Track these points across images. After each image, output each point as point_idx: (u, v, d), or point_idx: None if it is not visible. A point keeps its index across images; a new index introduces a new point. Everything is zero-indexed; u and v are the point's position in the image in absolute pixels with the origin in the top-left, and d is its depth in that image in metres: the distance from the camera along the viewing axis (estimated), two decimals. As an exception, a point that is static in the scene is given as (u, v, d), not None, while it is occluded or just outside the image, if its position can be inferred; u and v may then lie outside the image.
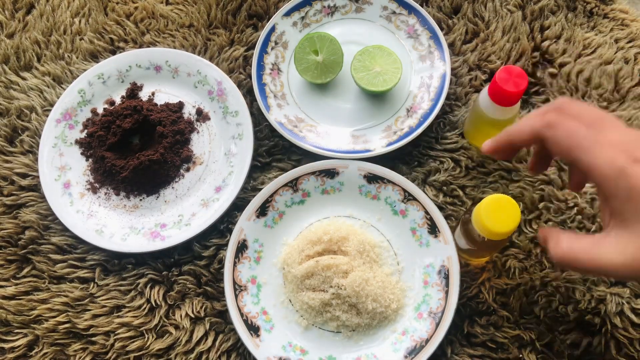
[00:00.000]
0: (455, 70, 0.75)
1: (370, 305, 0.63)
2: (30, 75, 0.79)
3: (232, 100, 0.74)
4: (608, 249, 0.42)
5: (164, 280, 0.68)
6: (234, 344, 0.65)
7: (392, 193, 0.68)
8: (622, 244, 0.41)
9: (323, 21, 0.78)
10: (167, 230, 0.70)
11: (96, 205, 0.72)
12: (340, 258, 0.64)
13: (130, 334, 0.66)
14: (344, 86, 0.75)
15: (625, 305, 0.62)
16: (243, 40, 0.79)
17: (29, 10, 0.84)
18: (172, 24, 0.81)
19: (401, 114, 0.73)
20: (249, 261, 0.68)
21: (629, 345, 0.61)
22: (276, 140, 0.74)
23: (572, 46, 0.75)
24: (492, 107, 0.61)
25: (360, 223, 0.69)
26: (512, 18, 0.76)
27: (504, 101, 0.59)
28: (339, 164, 0.69)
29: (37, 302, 0.68)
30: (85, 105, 0.77)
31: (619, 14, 0.76)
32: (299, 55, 0.73)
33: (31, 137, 0.76)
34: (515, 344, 0.63)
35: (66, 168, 0.74)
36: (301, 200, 0.70)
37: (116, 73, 0.77)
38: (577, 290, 0.63)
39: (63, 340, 0.67)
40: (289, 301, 0.67)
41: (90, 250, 0.70)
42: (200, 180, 0.73)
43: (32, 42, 0.81)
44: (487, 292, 0.65)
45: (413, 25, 0.76)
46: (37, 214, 0.72)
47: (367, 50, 0.72)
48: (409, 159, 0.72)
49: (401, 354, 0.62)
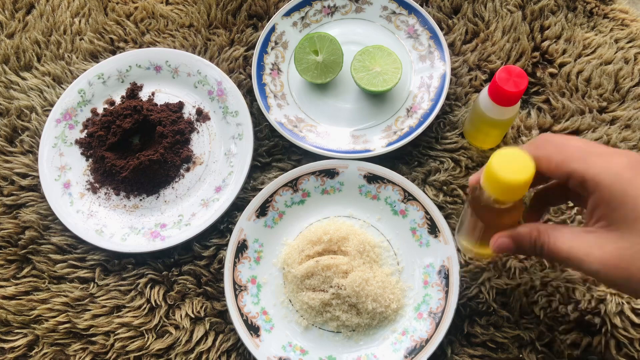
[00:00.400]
0: (455, 70, 0.75)
1: (370, 305, 0.63)
2: (30, 75, 0.79)
3: (232, 100, 0.74)
4: (588, 242, 0.43)
5: (164, 280, 0.68)
6: (234, 344, 0.65)
7: (392, 193, 0.68)
8: (603, 240, 0.42)
9: (323, 21, 0.78)
10: (167, 230, 0.70)
11: (96, 205, 0.72)
12: (340, 258, 0.64)
13: (130, 334, 0.66)
14: (344, 86, 0.75)
15: (625, 305, 0.62)
16: (243, 40, 0.79)
17: (29, 10, 0.84)
18: (172, 24, 0.81)
19: (401, 114, 0.73)
20: (249, 261, 0.68)
21: (629, 345, 0.61)
22: (276, 140, 0.74)
23: (572, 46, 0.75)
24: (492, 107, 0.61)
25: (360, 223, 0.69)
26: (512, 18, 0.76)
27: (503, 101, 0.59)
28: (339, 164, 0.69)
29: (37, 302, 0.68)
30: (85, 105, 0.77)
31: (619, 14, 0.76)
32: (299, 55, 0.73)
33: (31, 137, 0.76)
34: (515, 344, 0.63)
35: (66, 168, 0.74)
36: (301, 200, 0.70)
37: (116, 73, 0.77)
38: (577, 290, 0.63)
39: (63, 340, 0.67)
40: (289, 301, 0.67)
41: (90, 250, 0.70)
42: (200, 180, 0.73)
43: (32, 42, 0.81)
44: (487, 292, 0.65)
45: (413, 25, 0.76)
46: (37, 214, 0.72)
47: (367, 50, 0.72)
48: (409, 159, 0.72)
49: (401, 354, 0.62)
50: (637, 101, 0.71)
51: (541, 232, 0.46)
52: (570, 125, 0.70)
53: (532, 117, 0.71)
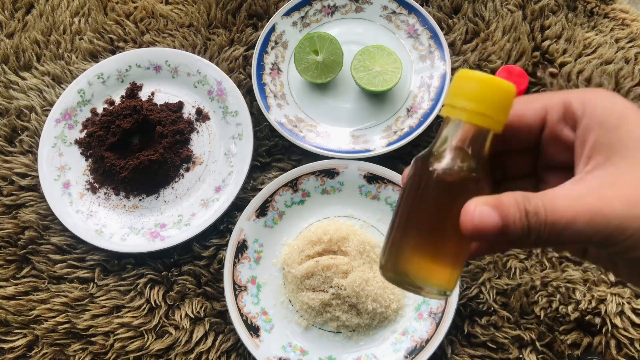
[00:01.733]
0: (456, 70, 0.75)
1: (371, 306, 0.63)
2: (30, 75, 0.79)
3: (232, 100, 0.74)
4: (596, 191, 0.28)
5: (164, 281, 0.68)
6: (234, 344, 0.65)
7: (393, 193, 0.68)
8: (615, 179, 0.28)
9: (323, 21, 0.78)
10: (167, 230, 0.69)
11: (96, 205, 0.72)
12: (340, 258, 0.64)
13: (130, 334, 0.66)
14: (344, 86, 0.75)
15: (626, 305, 0.62)
16: (243, 40, 0.79)
17: (28, 10, 0.84)
18: (172, 23, 0.81)
19: (401, 113, 0.73)
20: (248, 261, 0.67)
21: (629, 345, 0.61)
22: (276, 140, 0.74)
23: (572, 46, 0.74)
24: None
25: (360, 223, 0.69)
26: (512, 18, 0.76)
27: None
28: (339, 164, 0.69)
29: (36, 302, 0.68)
30: (85, 105, 0.76)
31: (619, 14, 0.76)
32: (299, 55, 0.73)
33: (31, 137, 0.76)
34: (515, 344, 0.63)
35: (66, 168, 0.74)
36: (301, 200, 0.70)
37: (116, 73, 0.77)
38: (578, 291, 0.63)
39: (63, 341, 0.67)
40: (288, 301, 0.67)
41: (89, 250, 0.70)
42: (200, 180, 0.73)
43: (32, 42, 0.81)
44: (488, 292, 0.64)
45: (413, 25, 0.76)
46: (36, 214, 0.72)
47: (367, 50, 0.71)
48: (409, 159, 0.72)
49: (401, 354, 0.62)
50: (638, 101, 0.71)
51: (528, 198, 0.28)
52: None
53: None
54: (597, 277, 0.64)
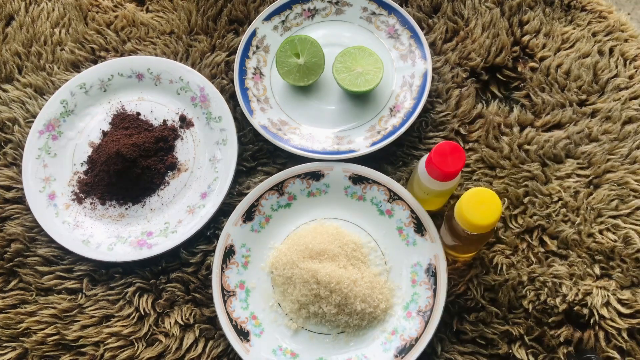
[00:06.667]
0: (438, 69, 0.75)
1: (359, 306, 0.63)
2: (12, 87, 0.79)
3: (215, 105, 0.74)
4: None
5: (152, 289, 0.68)
6: (224, 349, 0.65)
7: (378, 193, 0.68)
8: None
9: (304, 24, 0.78)
10: (154, 238, 0.69)
11: (82, 215, 0.72)
12: (339, 272, 0.64)
13: (120, 343, 0.66)
14: (327, 88, 0.75)
15: (611, 297, 0.63)
16: (224, 45, 0.79)
17: (8, 22, 0.83)
18: (153, 31, 0.80)
19: (384, 113, 0.73)
20: (236, 266, 0.68)
21: (617, 335, 0.62)
22: (261, 144, 0.74)
23: (551, 40, 0.75)
24: (431, 181, 0.59)
25: (347, 224, 0.69)
26: (491, 14, 0.76)
27: (441, 178, 0.58)
28: (324, 166, 0.69)
29: (24, 315, 0.68)
30: (68, 115, 0.76)
31: (596, 7, 0.77)
32: (280, 58, 0.73)
33: (14, 149, 0.75)
34: (504, 339, 0.63)
35: (51, 179, 0.73)
36: (287, 204, 0.70)
37: (98, 82, 0.77)
38: (564, 285, 0.64)
39: (52, 353, 0.66)
40: (278, 305, 0.67)
41: (77, 260, 0.70)
42: (186, 186, 0.73)
43: (13, 53, 0.80)
44: (475, 288, 0.65)
45: (393, 25, 0.76)
46: (22, 226, 0.71)
47: (349, 52, 0.72)
48: (393, 159, 0.72)
49: (391, 353, 0.62)
50: (616, 92, 0.71)
51: None
52: (551, 119, 0.71)
53: (513, 114, 0.72)
54: (582, 271, 0.64)
